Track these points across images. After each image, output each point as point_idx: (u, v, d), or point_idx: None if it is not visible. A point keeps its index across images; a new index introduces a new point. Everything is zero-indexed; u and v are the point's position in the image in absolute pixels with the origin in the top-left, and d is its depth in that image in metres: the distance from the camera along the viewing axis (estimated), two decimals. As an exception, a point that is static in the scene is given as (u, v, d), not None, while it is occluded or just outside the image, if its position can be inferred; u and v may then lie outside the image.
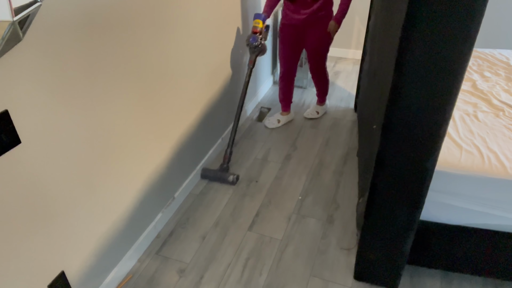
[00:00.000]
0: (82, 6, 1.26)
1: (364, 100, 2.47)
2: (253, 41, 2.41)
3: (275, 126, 2.94)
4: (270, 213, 2.14)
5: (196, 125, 2.24)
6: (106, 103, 1.47)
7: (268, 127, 2.94)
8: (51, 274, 1.36)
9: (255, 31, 2.42)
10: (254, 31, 2.42)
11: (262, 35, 2.44)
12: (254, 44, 2.41)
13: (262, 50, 2.48)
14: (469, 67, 2.32)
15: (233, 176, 2.31)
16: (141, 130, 1.72)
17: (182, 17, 1.87)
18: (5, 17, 0.95)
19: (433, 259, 1.66)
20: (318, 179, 2.39)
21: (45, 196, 1.26)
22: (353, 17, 3.95)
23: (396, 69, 1.17)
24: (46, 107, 1.20)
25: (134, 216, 1.79)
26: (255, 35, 2.41)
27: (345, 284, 1.74)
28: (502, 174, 1.43)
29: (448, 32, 1.06)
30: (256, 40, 2.40)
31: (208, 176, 2.36)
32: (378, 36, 1.95)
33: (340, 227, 2.04)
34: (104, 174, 1.53)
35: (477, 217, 1.51)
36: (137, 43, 1.57)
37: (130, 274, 1.80)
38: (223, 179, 2.32)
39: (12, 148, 1.11)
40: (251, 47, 2.44)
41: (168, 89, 1.87)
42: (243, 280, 1.77)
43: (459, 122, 1.76)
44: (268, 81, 3.49)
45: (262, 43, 2.45)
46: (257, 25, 2.41)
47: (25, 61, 1.10)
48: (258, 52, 2.47)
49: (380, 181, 1.41)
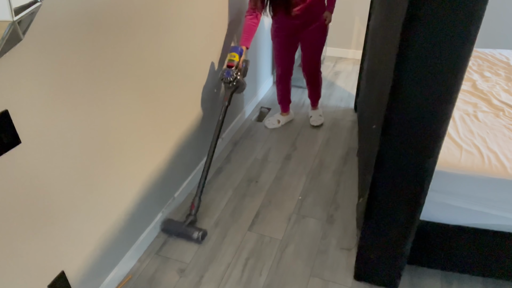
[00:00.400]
0: (82, 6, 1.26)
1: (364, 100, 2.47)
2: (227, 76, 2.19)
3: (275, 127, 2.94)
4: (270, 213, 2.14)
5: (196, 125, 2.24)
6: (106, 103, 1.47)
7: (268, 127, 2.94)
8: (51, 274, 1.36)
9: (230, 65, 2.21)
10: (229, 65, 2.22)
11: (238, 70, 2.23)
12: (229, 79, 2.19)
13: (238, 86, 2.25)
14: (469, 67, 2.32)
15: (198, 232, 1.92)
16: (141, 129, 1.72)
17: (183, 16, 1.87)
18: (5, 17, 0.95)
19: (433, 259, 1.66)
20: (318, 179, 2.39)
21: (45, 196, 1.26)
22: (353, 17, 3.95)
23: (396, 69, 1.17)
24: (46, 107, 1.20)
25: (134, 216, 1.79)
26: (230, 69, 2.20)
27: (345, 284, 1.74)
28: (502, 174, 1.43)
29: (448, 32, 1.06)
30: (230, 74, 2.19)
31: (170, 231, 1.98)
32: (378, 36, 1.95)
33: (340, 227, 2.04)
34: (104, 174, 1.53)
35: (477, 217, 1.51)
36: (137, 43, 1.57)
37: (130, 274, 1.80)
38: (187, 235, 1.94)
39: (12, 148, 1.11)
40: (225, 82, 2.22)
41: (168, 88, 1.87)
42: (243, 280, 1.77)
43: (459, 122, 1.76)
44: (268, 81, 3.49)
45: (239, 79, 2.22)
46: (232, 58, 2.21)
47: (25, 61, 1.10)
48: (234, 88, 2.24)
49: (380, 181, 1.41)
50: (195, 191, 2.29)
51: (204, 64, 2.21)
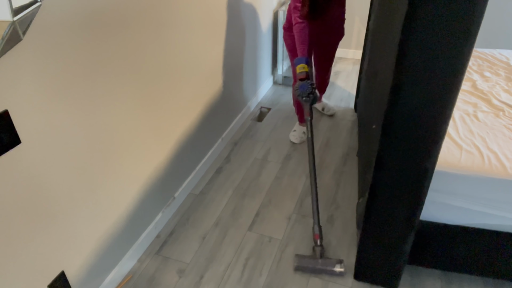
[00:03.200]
0: (82, 6, 1.26)
1: (364, 100, 2.47)
2: (303, 89, 2.10)
3: (303, 140, 2.76)
4: (270, 213, 2.14)
5: (196, 125, 2.25)
6: (106, 102, 1.47)
7: (296, 142, 2.76)
8: (51, 274, 1.36)
9: (301, 78, 2.12)
10: (300, 78, 2.12)
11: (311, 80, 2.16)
12: (306, 92, 2.10)
13: (315, 97, 2.14)
14: (469, 67, 2.32)
15: (340, 264, 1.80)
16: (141, 129, 1.72)
17: (182, 16, 1.87)
18: (5, 17, 0.95)
19: (433, 259, 1.66)
20: (318, 179, 2.39)
21: (45, 196, 1.26)
22: (353, 17, 3.95)
23: (396, 69, 1.17)
24: (46, 107, 1.20)
25: (134, 216, 1.79)
26: (304, 82, 2.11)
27: (345, 284, 1.74)
28: (502, 174, 1.43)
29: (448, 32, 1.06)
30: (306, 87, 2.10)
31: (307, 269, 1.81)
32: (378, 36, 1.95)
33: (340, 227, 2.04)
34: (104, 174, 1.53)
35: (477, 217, 1.51)
36: (137, 43, 1.57)
37: (130, 274, 1.80)
38: (328, 270, 1.80)
39: (12, 148, 1.11)
40: (303, 96, 2.11)
41: (168, 88, 1.87)
42: (243, 280, 1.77)
43: (459, 122, 1.76)
44: (268, 81, 3.49)
45: (313, 90, 2.12)
46: (302, 70, 2.12)
47: (25, 61, 1.10)
48: (312, 100, 2.12)
49: (380, 181, 1.41)
50: (195, 191, 2.29)
51: (205, 64, 2.21)
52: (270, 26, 3.26)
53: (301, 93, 2.11)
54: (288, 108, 3.18)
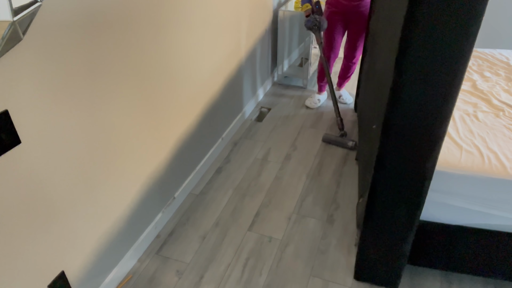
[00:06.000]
0: (82, 6, 1.26)
1: (364, 100, 2.47)
2: (308, 23, 2.71)
3: (317, 105, 3.19)
4: (270, 213, 2.14)
5: (196, 125, 2.25)
6: (106, 102, 1.47)
7: (310, 107, 3.18)
8: (51, 274, 1.36)
9: (307, 14, 2.73)
10: (307, 15, 2.73)
11: (316, 13, 2.72)
12: (313, 24, 2.70)
13: (322, 25, 2.71)
14: (469, 67, 2.32)
15: (352, 142, 2.61)
16: (141, 129, 1.72)
17: (183, 16, 1.87)
18: (5, 17, 0.95)
19: (433, 259, 1.66)
20: (318, 179, 2.39)
21: (45, 196, 1.26)
22: (353, 17, 3.94)
23: (396, 69, 1.17)
24: (46, 107, 1.20)
25: (134, 216, 1.79)
26: (310, 17, 2.71)
27: (345, 284, 1.74)
28: (502, 174, 1.43)
29: (448, 32, 1.06)
30: (310, 21, 2.70)
31: (330, 140, 2.68)
32: (378, 36, 1.95)
33: (340, 227, 2.04)
34: (104, 174, 1.53)
35: (477, 217, 1.51)
36: (137, 43, 1.57)
37: (130, 274, 1.80)
38: (343, 143, 2.64)
39: (12, 148, 1.11)
40: (310, 28, 2.73)
41: (168, 88, 1.87)
42: (243, 280, 1.77)
43: (459, 122, 1.76)
44: (268, 81, 3.49)
45: (318, 20, 2.69)
46: (307, 8, 2.72)
47: (25, 61, 1.10)
48: (319, 29, 2.71)
49: (380, 181, 1.41)
50: (195, 191, 2.29)
51: (205, 64, 2.21)
52: (269, 26, 3.26)
53: (310, 25, 2.73)
54: (288, 108, 3.19)
